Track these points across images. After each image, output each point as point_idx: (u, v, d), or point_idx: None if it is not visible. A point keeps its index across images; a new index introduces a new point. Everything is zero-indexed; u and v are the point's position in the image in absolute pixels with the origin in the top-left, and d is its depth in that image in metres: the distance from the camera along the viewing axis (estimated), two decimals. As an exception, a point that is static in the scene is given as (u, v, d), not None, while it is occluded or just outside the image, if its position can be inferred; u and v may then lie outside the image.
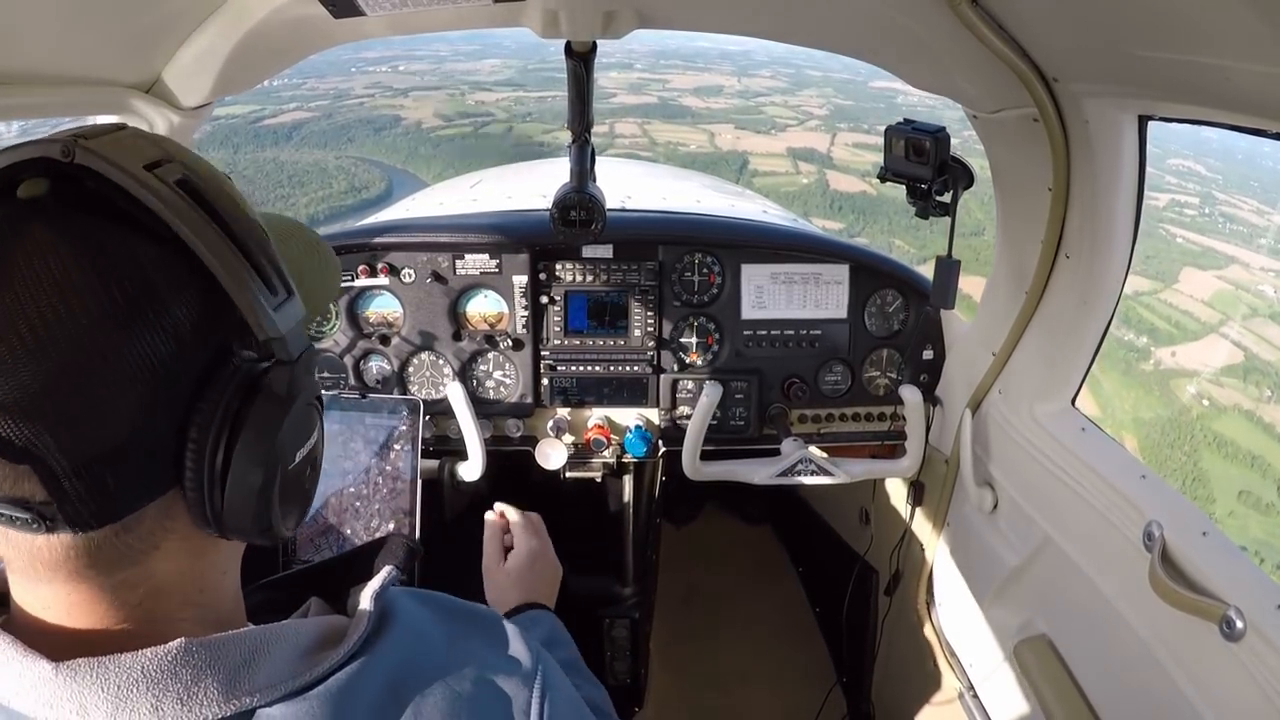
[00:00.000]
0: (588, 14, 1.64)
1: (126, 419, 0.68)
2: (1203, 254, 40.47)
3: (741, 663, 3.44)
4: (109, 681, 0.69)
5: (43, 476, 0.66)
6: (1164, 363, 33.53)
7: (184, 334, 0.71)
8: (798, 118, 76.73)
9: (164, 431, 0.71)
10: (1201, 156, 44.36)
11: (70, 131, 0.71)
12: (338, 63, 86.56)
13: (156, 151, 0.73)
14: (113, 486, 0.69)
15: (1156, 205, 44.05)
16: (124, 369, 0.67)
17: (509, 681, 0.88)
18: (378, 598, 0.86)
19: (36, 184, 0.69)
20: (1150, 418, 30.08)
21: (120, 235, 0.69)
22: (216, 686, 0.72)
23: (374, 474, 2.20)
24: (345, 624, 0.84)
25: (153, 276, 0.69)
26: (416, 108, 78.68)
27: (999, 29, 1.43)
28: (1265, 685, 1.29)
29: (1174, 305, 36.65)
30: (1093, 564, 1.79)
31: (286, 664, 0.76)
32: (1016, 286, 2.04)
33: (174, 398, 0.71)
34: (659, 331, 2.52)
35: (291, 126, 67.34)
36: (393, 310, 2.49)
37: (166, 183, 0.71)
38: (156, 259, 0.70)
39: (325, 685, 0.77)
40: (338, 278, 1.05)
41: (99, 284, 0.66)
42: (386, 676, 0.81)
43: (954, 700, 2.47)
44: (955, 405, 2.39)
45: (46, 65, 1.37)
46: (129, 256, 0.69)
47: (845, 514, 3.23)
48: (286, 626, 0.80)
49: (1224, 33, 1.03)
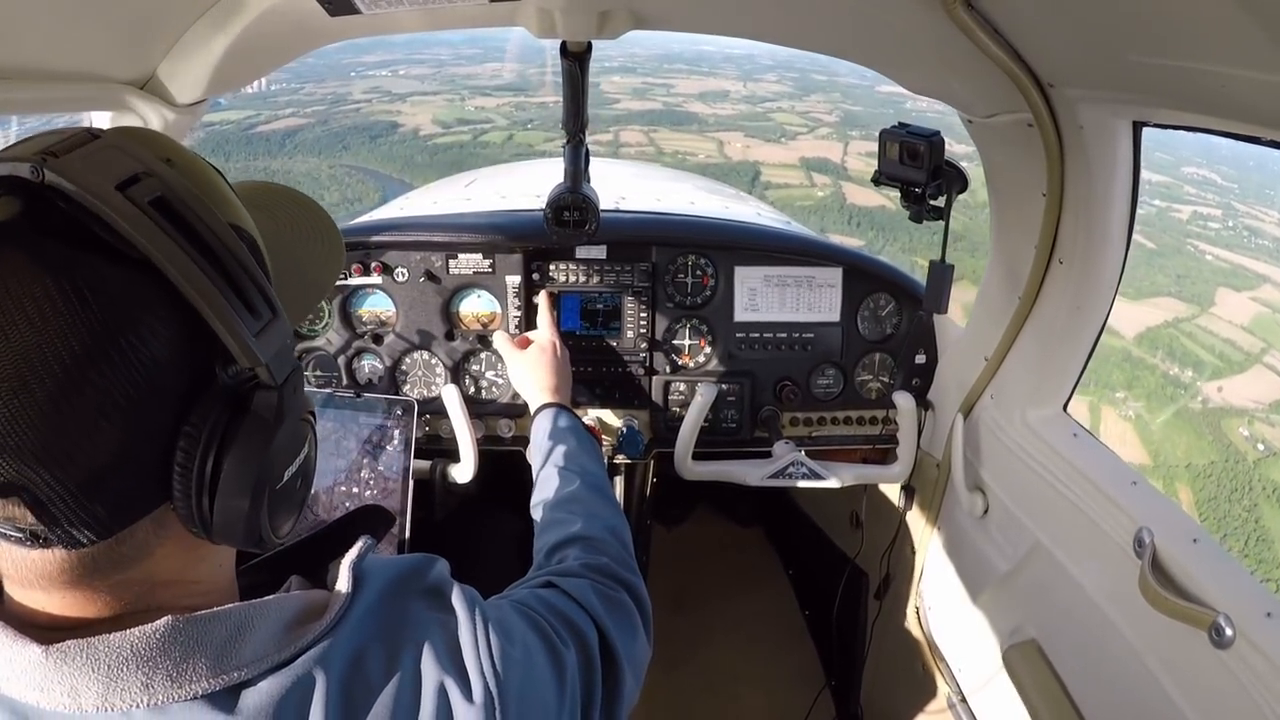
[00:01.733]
0: (583, 14, 1.64)
1: (109, 445, 0.67)
2: (1233, 273, 39.58)
3: (731, 664, 3.44)
4: (99, 661, 0.70)
5: (31, 505, 0.65)
6: (1212, 399, 31.98)
7: (163, 360, 0.69)
8: (808, 125, 75.57)
9: (149, 456, 0.71)
10: (1214, 164, 43.49)
11: (42, 145, 0.69)
12: (337, 66, 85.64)
13: (132, 166, 0.70)
14: (102, 509, 0.69)
15: (1179, 219, 43.38)
16: (103, 399, 0.66)
17: (456, 630, 0.91)
18: (354, 568, 0.88)
19: (7, 204, 0.67)
20: (1204, 465, 27.73)
21: (93, 263, 0.67)
22: (205, 662, 0.73)
23: (365, 473, 2.18)
24: (326, 597, 0.85)
25: (127, 303, 0.68)
26: (414, 114, 77.76)
27: (995, 33, 1.43)
28: (1254, 693, 1.30)
29: (1215, 333, 35.27)
30: (1083, 570, 1.79)
31: (271, 638, 0.78)
32: (1010, 291, 2.04)
33: (158, 422, 0.70)
34: (652, 333, 2.52)
35: (285, 133, 66.41)
36: (386, 309, 2.48)
37: (138, 204, 0.68)
38: (131, 286, 0.68)
39: (306, 656, 0.78)
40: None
41: (74, 314, 0.64)
42: (352, 645, 0.82)
43: (943, 705, 2.48)
44: (947, 410, 2.39)
45: (40, 61, 1.36)
46: (103, 284, 0.67)
47: (836, 517, 3.23)
48: (270, 602, 0.81)
49: (1221, 40, 1.03)
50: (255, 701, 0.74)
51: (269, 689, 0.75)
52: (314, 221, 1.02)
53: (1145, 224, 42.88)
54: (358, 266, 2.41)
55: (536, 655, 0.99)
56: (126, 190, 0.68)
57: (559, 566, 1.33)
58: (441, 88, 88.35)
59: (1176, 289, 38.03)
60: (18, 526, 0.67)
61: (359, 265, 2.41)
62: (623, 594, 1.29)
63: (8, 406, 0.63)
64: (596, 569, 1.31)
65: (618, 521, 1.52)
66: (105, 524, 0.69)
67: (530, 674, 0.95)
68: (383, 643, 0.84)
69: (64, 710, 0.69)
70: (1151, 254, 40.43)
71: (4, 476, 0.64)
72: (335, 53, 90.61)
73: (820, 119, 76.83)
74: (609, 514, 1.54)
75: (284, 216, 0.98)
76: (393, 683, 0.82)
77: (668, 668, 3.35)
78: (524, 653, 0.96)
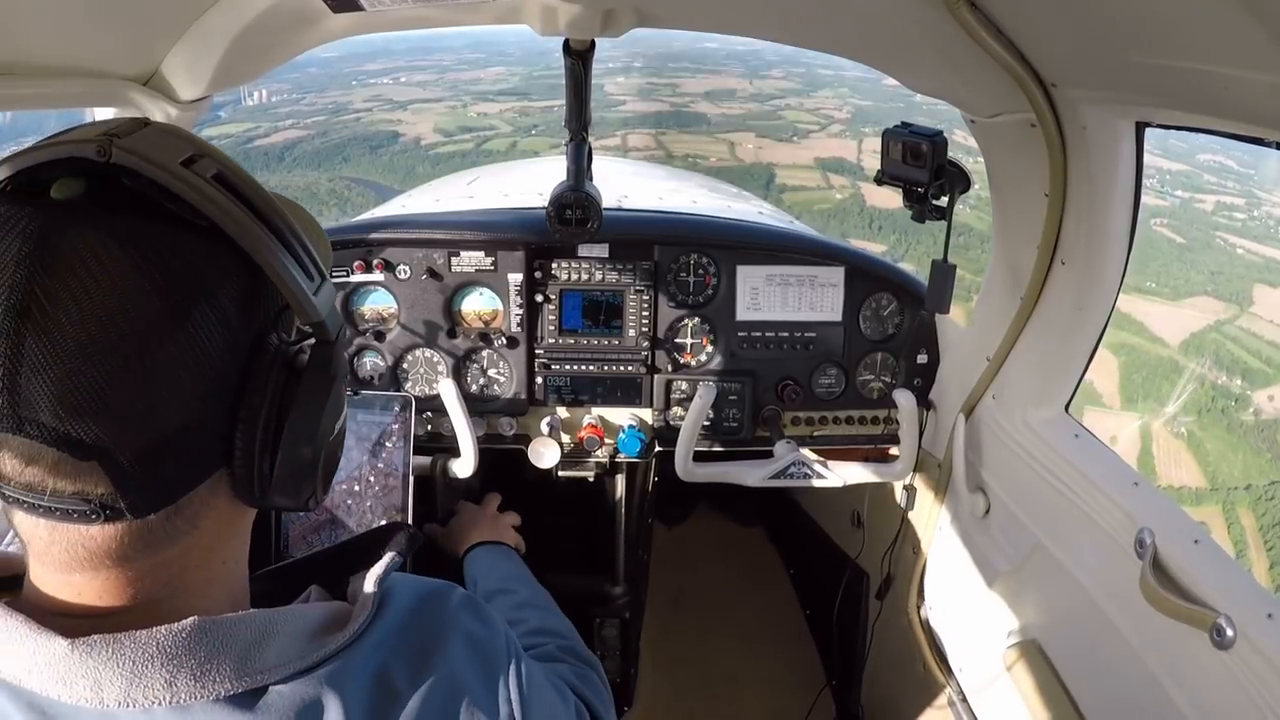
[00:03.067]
0: (586, 12, 1.64)
1: (183, 406, 0.70)
2: (1267, 266, 38.18)
3: (731, 664, 3.44)
4: (124, 657, 0.71)
5: (109, 470, 0.67)
6: (1264, 410, 29.46)
7: (232, 321, 0.73)
8: (819, 122, 74.15)
9: (217, 415, 0.74)
10: (1228, 149, 42.02)
11: (99, 130, 0.72)
12: (338, 76, 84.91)
13: (189, 148, 0.75)
14: (171, 473, 0.72)
15: (1204, 209, 41.98)
16: (180, 359, 0.69)
17: (488, 657, 0.94)
18: (380, 582, 0.89)
19: (71, 184, 0.71)
20: (1265, 486, 25.22)
21: (166, 231, 0.71)
22: (229, 664, 0.74)
23: (366, 470, 2.19)
24: (349, 609, 0.87)
25: (200, 269, 0.72)
26: (416, 122, 77.06)
27: (998, 33, 1.43)
28: (1255, 694, 1.30)
29: (1258, 335, 33.38)
30: (1084, 570, 1.79)
31: (295, 645, 0.79)
32: (1012, 292, 2.04)
33: (225, 382, 0.74)
34: (654, 331, 2.52)
35: (284, 146, 65.61)
36: (388, 306, 2.48)
37: (204, 178, 0.72)
38: (202, 252, 0.72)
39: (329, 665, 0.80)
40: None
41: (152, 281, 0.68)
42: (378, 659, 0.84)
43: (944, 705, 2.48)
44: (949, 410, 2.39)
45: (44, 57, 1.36)
46: (176, 251, 0.70)
47: (837, 517, 3.23)
48: (293, 610, 0.83)
49: (1223, 41, 1.03)
50: (277, 705, 0.76)
51: (291, 694, 0.77)
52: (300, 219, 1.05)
53: (1171, 217, 41.34)
54: (360, 264, 2.41)
55: (555, 702, 1.06)
56: (190, 167, 0.73)
57: (537, 652, 1.45)
58: (444, 94, 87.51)
59: (1213, 287, 36.71)
60: (86, 499, 0.68)
61: (361, 262, 2.41)
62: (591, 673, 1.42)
63: (95, 370, 0.65)
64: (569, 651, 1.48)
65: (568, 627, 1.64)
66: (171, 489, 0.73)
67: (550, 709, 1.01)
68: (407, 660, 0.86)
69: (86, 704, 0.70)
70: (1182, 249, 39.30)
71: (90, 438, 0.65)
72: (337, 61, 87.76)
73: (832, 115, 75.32)
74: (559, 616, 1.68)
75: None
76: (416, 701, 0.84)
77: (668, 667, 3.35)
78: (543, 692, 1.01)
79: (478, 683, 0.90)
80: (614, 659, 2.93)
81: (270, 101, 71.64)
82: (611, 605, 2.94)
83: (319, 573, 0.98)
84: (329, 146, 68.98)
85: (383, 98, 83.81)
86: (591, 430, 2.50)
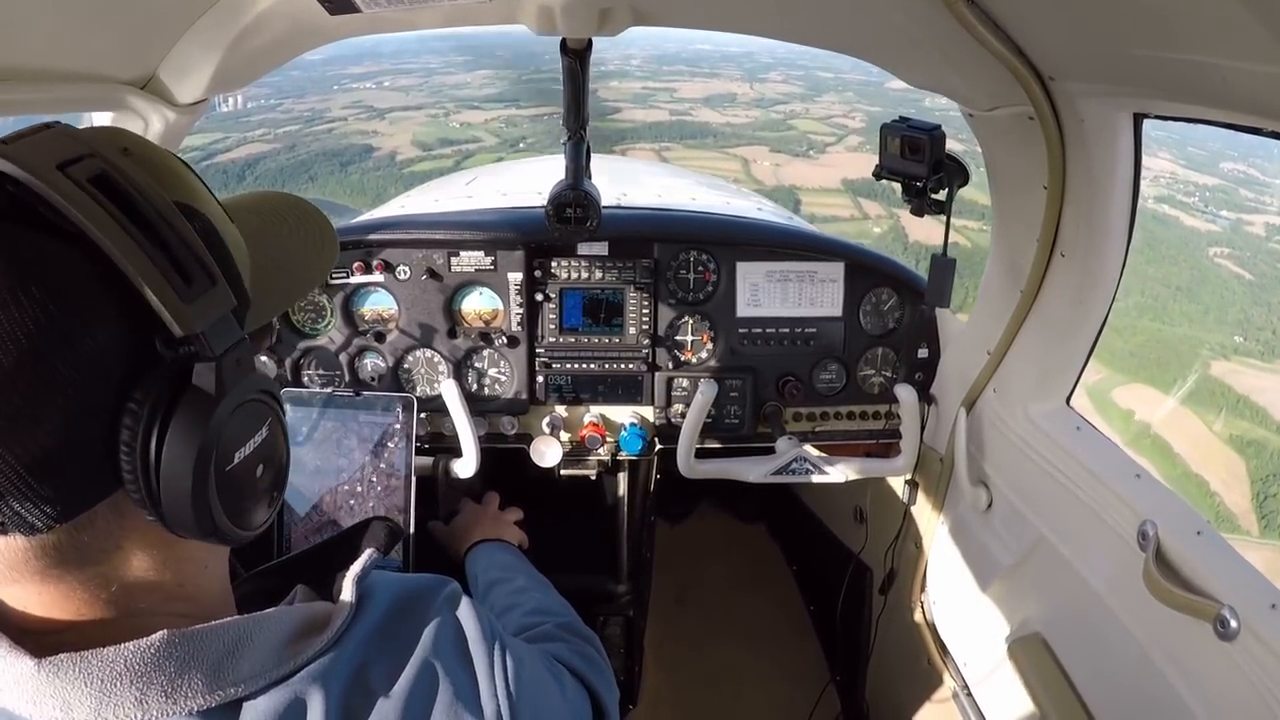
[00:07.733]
0: (583, 10, 1.63)
1: (56, 425, 0.67)
2: None
3: (735, 661, 3.44)
4: (92, 676, 0.69)
5: None
6: None
7: (103, 336, 0.69)
8: (834, 133, 70.91)
9: (95, 434, 0.70)
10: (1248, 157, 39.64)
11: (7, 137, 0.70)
12: (320, 80, 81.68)
13: (76, 148, 0.71)
14: (52, 491, 0.68)
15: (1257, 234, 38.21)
16: (48, 375, 0.66)
17: (470, 647, 0.92)
18: (358, 582, 0.87)
19: None
20: None
21: (34, 241, 0.68)
22: (201, 677, 0.72)
23: (368, 471, 2.19)
24: (328, 610, 0.85)
25: (66, 281, 0.68)
26: (393, 134, 73.31)
27: (995, 27, 1.43)
28: (1259, 684, 1.30)
29: None
30: (1087, 563, 1.79)
31: (269, 653, 0.77)
32: (1012, 285, 2.04)
33: (101, 400, 0.70)
34: (654, 329, 2.52)
35: (245, 163, 61.15)
36: (388, 307, 2.48)
37: (76, 180, 0.69)
38: (69, 262, 0.69)
39: (305, 672, 0.78)
40: (332, 252, 1.05)
41: (14, 293, 0.65)
42: (358, 660, 0.82)
43: (948, 699, 2.48)
44: (950, 404, 2.39)
45: (40, 61, 1.36)
46: (42, 262, 0.67)
47: (840, 512, 3.24)
48: (269, 615, 0.80)
49: (1221, 32, 1.03)
50: (253, 718, 0.74)
51: (266, 705, 0.75)
52: (302, 218, 1.03)
53: (1229, 245, 37.77)
54: (359, 265, 2.41)
55: (547, 683, 1.03)
56: (67, 169, 0.69)
57: (535, 631, 1.44)
58: (426, 100, 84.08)
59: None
60: None
61: (360, 264, 2.41)
62: (589, 648, 1.42)
63: None
64: (566, 628, 1.47)
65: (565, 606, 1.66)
66: (57, 506, 0.68)
67: (543, 700, 0.98)
68: (388, 660, 0.84)
69: None
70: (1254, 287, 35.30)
71: None
72: (321, 64, 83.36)
73: (845, 125, 72.01)
74: (557, 597, 1.71)
75: (271, 214, 0.99)
76: (398, 700, 0.81)
77: (672, 665, 3.35)
78: (533, 675, 0.98)
79: (461, 674, 0.88)
80: (618, 657, 2.93)
81: (245, 108, 67.83)
82: (615, 603, 2.95)
83: (306, 571, 0.96)
84: (295, 164, 65.37)
85: (362, 104, 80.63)
86: (593, 428, 2.50)
